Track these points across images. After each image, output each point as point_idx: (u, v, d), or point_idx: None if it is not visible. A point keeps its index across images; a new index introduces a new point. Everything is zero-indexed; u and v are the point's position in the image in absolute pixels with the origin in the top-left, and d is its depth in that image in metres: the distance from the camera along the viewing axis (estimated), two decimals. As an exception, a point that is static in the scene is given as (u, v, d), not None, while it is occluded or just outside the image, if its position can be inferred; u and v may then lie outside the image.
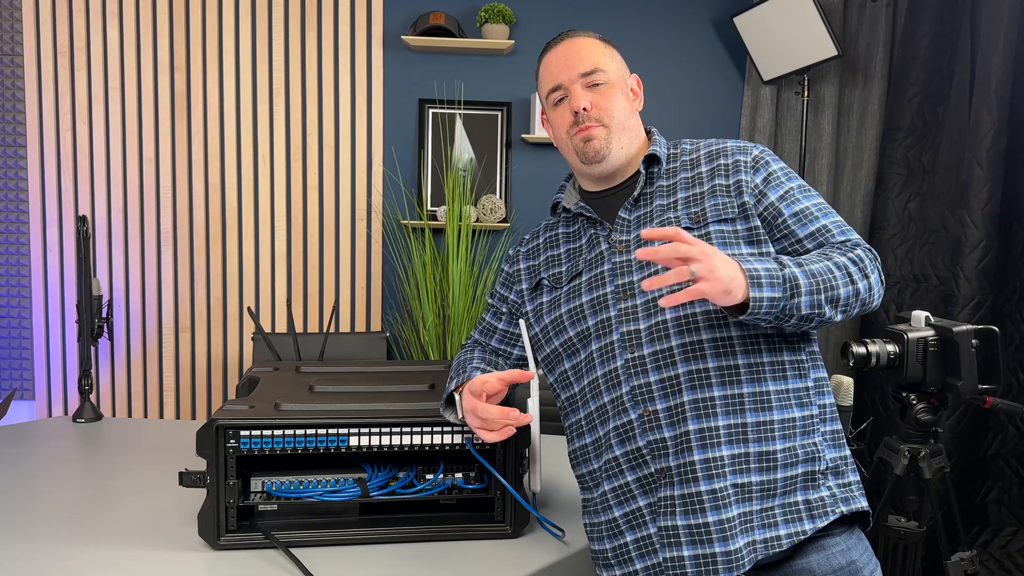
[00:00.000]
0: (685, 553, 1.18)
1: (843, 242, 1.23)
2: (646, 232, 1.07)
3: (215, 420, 1.31)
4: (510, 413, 1.24)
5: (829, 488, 1.22)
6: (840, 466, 1.25)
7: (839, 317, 1.17)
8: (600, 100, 1.30)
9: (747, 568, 1.17)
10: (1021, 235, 2.58)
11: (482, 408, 1.25)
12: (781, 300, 1.10)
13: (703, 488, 1.17)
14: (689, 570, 1.18)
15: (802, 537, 1.19)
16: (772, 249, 1.25)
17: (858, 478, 1.27)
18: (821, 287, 1.13)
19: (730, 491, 1.18)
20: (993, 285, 2.64)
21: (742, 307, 1.11)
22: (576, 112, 1.30)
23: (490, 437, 1.26)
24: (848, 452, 1.27)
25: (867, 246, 1.23)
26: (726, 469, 1.18)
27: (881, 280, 1.22)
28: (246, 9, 3.43)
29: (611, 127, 1.30)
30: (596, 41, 1.34)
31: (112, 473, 1.76)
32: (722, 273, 1.05)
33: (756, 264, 1.10)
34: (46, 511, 1.52)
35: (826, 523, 1.20)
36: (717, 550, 1.17)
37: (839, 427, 1.27)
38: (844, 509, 1.22)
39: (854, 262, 1.18)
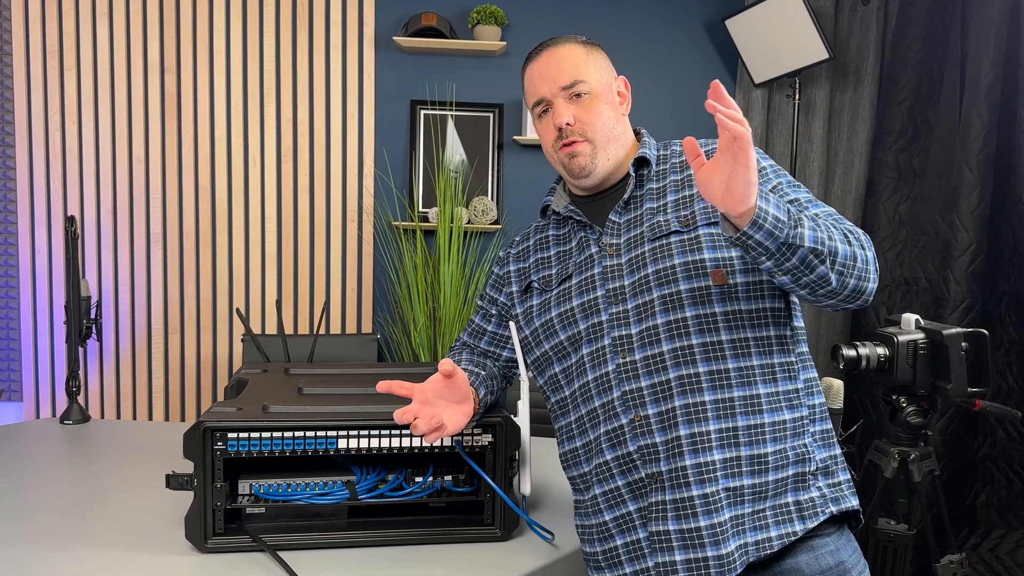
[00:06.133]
0: (677, 558, 1.18)
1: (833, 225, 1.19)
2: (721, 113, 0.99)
3: (202, 422, 1.30)
4: (432, 426, 1.21)
5: (819, 488, 1.22)
6: (830, 466, 1.25)
7: (835, 279, 1.11)
8: (583, 114, 1.28)
9: (739, 571, 1.17)
10: (1011, 238, 2.59)
11: (415, 429, 1.21)
12: (785, 227, 1.05)
13: (695, 492, 1.17)
14: (681, 574, 1.18)
15: (793, 538, 1.19)
16: None
17: (848, 477, 1.27)
18: (824, 235, 1.09)
19: (722, 495, 1.18)
20: (983, 288, 2.65)
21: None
22: (560, 128, 1.29)
23: (428, 438, 1.23)
24: (839, 451, 1.27)
25: (861, 231, 1.20)
26: (718, 473, 1.18)
27: (876, 263, 1.18)
28: (237, 9, 3.42)
29: (596, 141, 1.29)
30: (579, 48, 1.31)
31: (99, 475, 1.75)
32: (737, 191, 1.01)
33: (768, 196, 1.06)
34: (33, 513, 1.51)
35: (816, 523, 1.20)
36: (709, 554, 1.16)
37: (829, 426, 1.27)
38: (834, 509, 1.22)
39: (848, 233, 1.15)
